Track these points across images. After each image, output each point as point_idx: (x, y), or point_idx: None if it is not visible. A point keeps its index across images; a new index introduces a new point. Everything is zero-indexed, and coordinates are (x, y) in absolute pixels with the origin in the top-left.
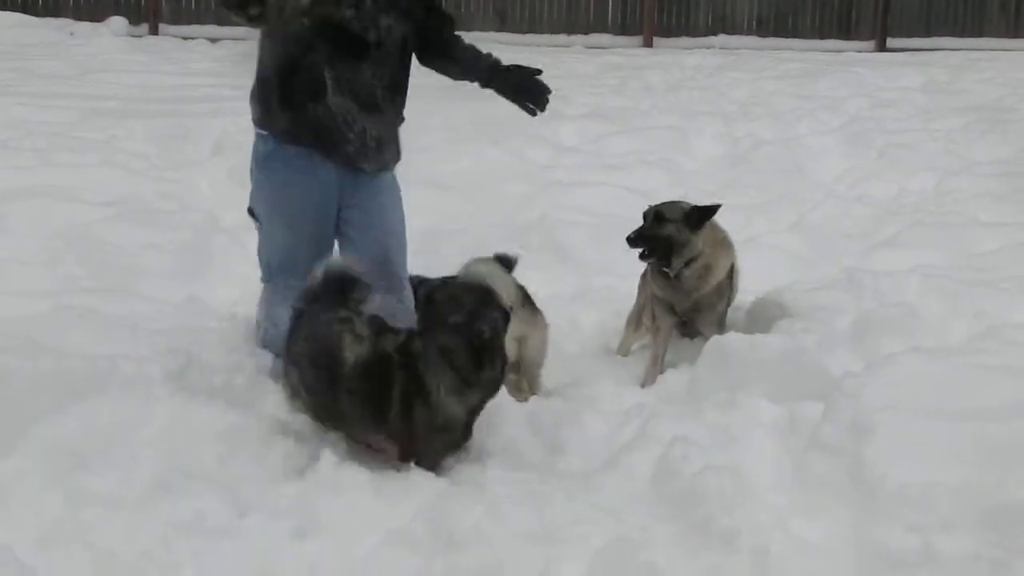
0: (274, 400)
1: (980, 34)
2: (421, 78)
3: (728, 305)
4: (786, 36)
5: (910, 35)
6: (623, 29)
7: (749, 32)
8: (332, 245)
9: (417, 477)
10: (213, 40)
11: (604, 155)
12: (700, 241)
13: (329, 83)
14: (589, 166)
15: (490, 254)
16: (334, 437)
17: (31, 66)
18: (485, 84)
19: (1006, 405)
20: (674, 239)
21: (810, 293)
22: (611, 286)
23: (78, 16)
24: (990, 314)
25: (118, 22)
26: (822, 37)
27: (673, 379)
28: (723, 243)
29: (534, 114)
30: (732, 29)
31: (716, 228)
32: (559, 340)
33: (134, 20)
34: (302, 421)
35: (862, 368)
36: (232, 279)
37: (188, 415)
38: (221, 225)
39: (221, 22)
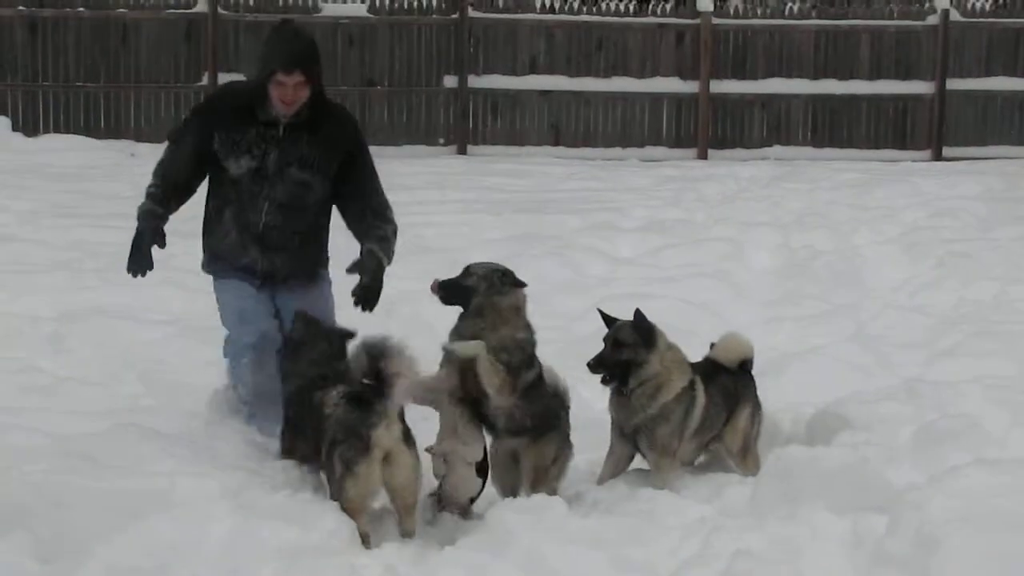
0: (333, 516)
1: None
2: (474, 192)
3: (756, 435)
4: (841, 146)
5: (966, 144)
6: (678, 141)
7: (804, 143)
8: None
9: None
10: None
11: (661, 267)
12: (657, 361)
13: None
14: (646, 278)
15: None
16: (392, 553)
17: (93, 187)
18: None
19: None
20: (631, 362)
21: (871, 404)
22: None
23: (138, 137)
24: None
25: None
26: (877, 147)
27: (734, 492)
28: (680, 365)
29: (361, 308)
30: (787, 140)
31: (676, 350)
32: None
33: None
34: (360, 541)
35: (925, 480)
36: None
37: (247, 532)
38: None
39: None
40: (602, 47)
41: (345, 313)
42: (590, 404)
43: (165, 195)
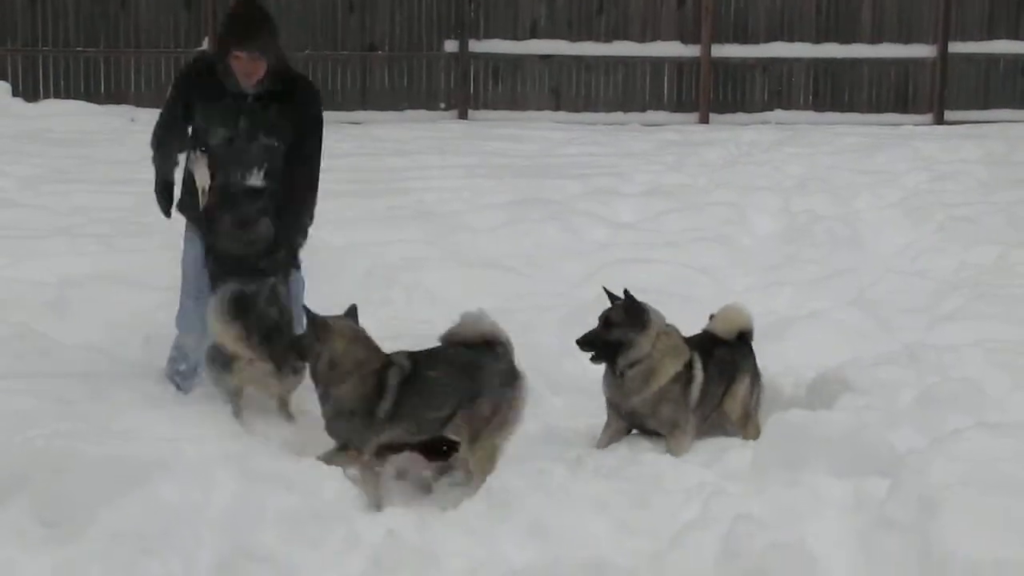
0: (335, 482)
1: None
2: (475, 157)
3: (756, 404)
4: (843, 110)
5: (968, 108)
6: (679, 106)
7: (805, 107)
8: None
9: (480, 557)
10: None
11: (662, 232)
12: (647, 343)
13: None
14: (647, 243)
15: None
16: (394, 517)
17: (93, 153)
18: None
19: None
20: (621, 342)
21: (872, 368)
22: None
23: (139, 103)
24: None
25: None
26: (879, 111)
27: (735, 456)
28: (673, 350)
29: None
30: (788, 104)
31: (672, 335)
32: None
33: None
34: (363, 502)
35: (927, 444)
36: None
37: (249, 498)
38: None
39: None
40: (603, 11)
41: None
42: (590, 369)
43: (161, 151)
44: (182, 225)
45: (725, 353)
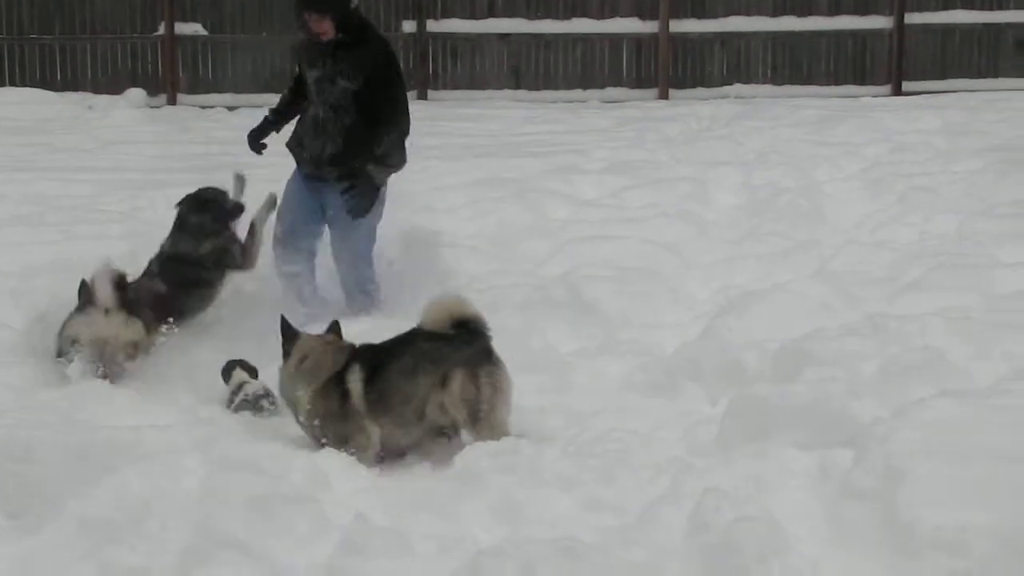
0: (302, 465)
1: (995, 75)
2: (435, 138)
3: (491, 400)
4: (801, 83)
5: (925, 78)
6: (638, 82)
7: (764, 81)
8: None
9: (450, 537)
10: (231, 108)
11: (624, 208)
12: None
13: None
14: (610, 220)
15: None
16: (363, 500)
17: (51, 141)
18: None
19: None
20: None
21: (835, 340)
22: (636, 339)
23: (96, 89)
24: (1017, 355)
25: (136, 94)
26: (837, 83)
27: (702, 431)
28: (308, 371)
29: (351, 215)
30: (747, 78)
31: (317, 350)
32: (585, 393)
33: (152, 91)
34: (331, 487)
35: (891, 413)
36: (264, 347)
37: (218, 484)
38: (246, 290)
39: (239, 90)
40: None
41: None
42: (555, 347)
43: (280, 103)
44: (145, 213)
45: (431, 348)
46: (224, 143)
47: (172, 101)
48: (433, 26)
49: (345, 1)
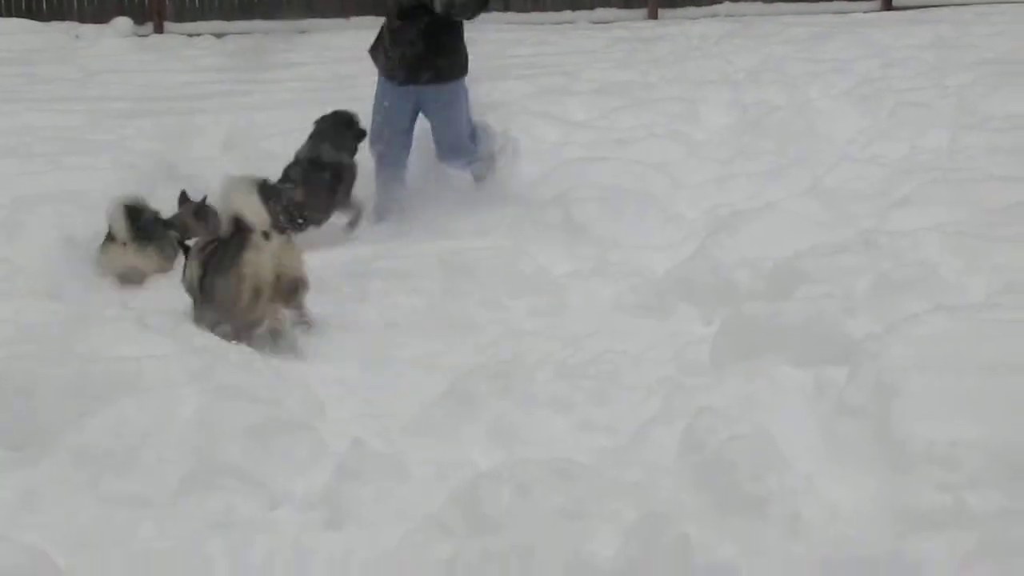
0: (299, 393)
1: None
2: None
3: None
4: (792, 0)
5: None
6: (627, 2)
7: None
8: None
9: (447, 462)
10: (219, 35)
11: (614, 129)
12: None
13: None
14: (599, 141)
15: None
16: (359, 426)
17: (37, 71)
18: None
19: None
20: None
21: (828, 257)
22: (627, 260)
23: (82, 19)
24: (1009, 268)
25: (123, 23)
26: (828, 0)
27: (694, 351)
28: None
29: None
30: None
31: None
32: (577, 316)
33: (139, 20)
34: (327, 414)
35: (884, 329)
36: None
37: (214, 412)
38: None
39: (227, 17)
40: None
41: None
42: (548, 269)
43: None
44: (133, 142)
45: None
46: (211, 71)
47: (159, 29)
48: None
49: None
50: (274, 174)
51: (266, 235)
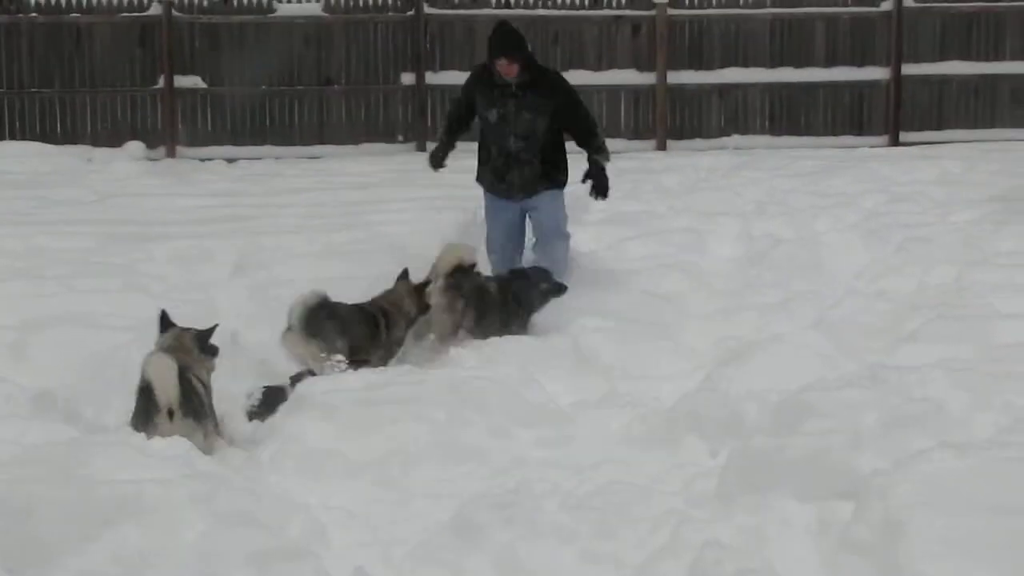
0: (301, 519)
1: (992, 125)
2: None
3: None
4: (799, 134)
5: (922, 129)
6: (636, 133)
7: (762, 131)
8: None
9: None
10: (230, 160)
11: (622, 259)
12: None
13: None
14: (608, 271)
15: None
16: (362, 554)
17: (51, 194)
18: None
19: None
20: None
21: (835, 391)
22: (635, 390)
23: (96, 143)
24: (1016, 406)
25: (135, 147)
26: (835, 134)
27: (701, 483)
28: None
29: (595, 198)
30: (745, 129)
31: None
32: (584, 445)
33: (151, 144)
34: (330, 541)
35: (890, 465)
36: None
37: (217, 538)
38: (243, 343)
39: (238, 142)
40: (558, 40)
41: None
42: (555, 398)
43: (449, 128)
44: (144, 265)
45: None
46: (223, 195)
47: (171, 154)
48: (432, 78)
49: (527, 47)
50: (281, 297)
51: None
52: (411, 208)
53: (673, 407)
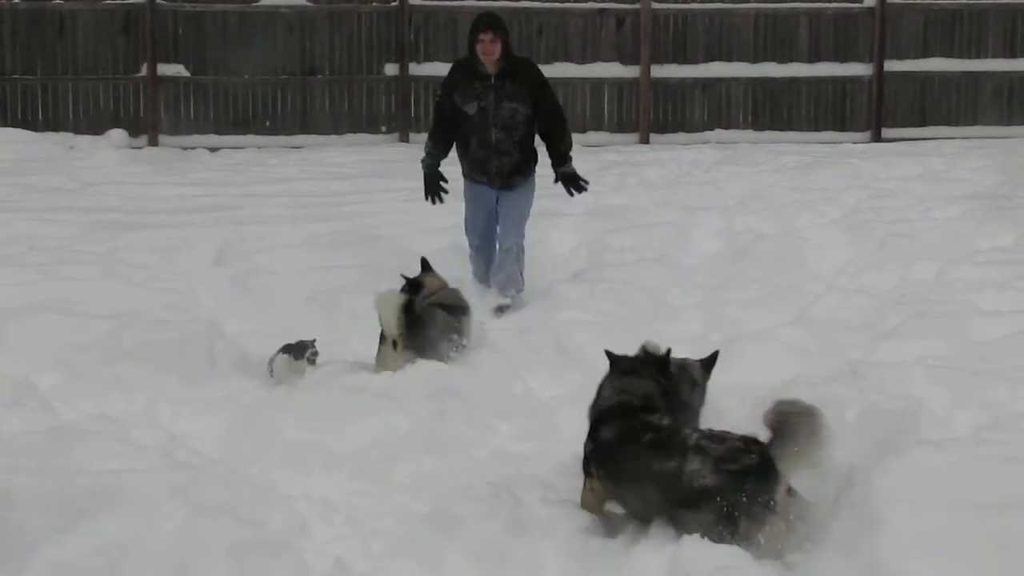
0: (282, 511)
1: (974, 122)
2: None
3: None
4: (781, 129)
5: (904, 125)
6: (619, 126)
7: (745, 126)
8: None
9: None
10: (212, 149)
11: (605, 253)
12: None
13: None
14: (590, 264)
15: None
16: (342, 546)
17: (32, 181)
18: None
19: (1017, 496)
20: None
21: (815, 387)
22: None
23: (78, 130)
24: (996, 404)
25: (117, 135)
26: (817, 129)
27: None
28: None
29: (571, 194)
30: (728, 123)
31: None
32: (566, 439)
33: (133, 132)
34: (310, 533)
35: (870, 462)
36: (234, 387)
37: (196, 529)
38: (224, 334)
39: (221, 131)
40: (542, 33)
41: None
42: (537, 392)
43: (436, 145)
44: (125, 254)
45: None
46: (205, 185)
47: (153, 142)
48: (415, 69)
49: (508, 34)
50: (262, 287)
51: None
52: (395, 199)
53: None
